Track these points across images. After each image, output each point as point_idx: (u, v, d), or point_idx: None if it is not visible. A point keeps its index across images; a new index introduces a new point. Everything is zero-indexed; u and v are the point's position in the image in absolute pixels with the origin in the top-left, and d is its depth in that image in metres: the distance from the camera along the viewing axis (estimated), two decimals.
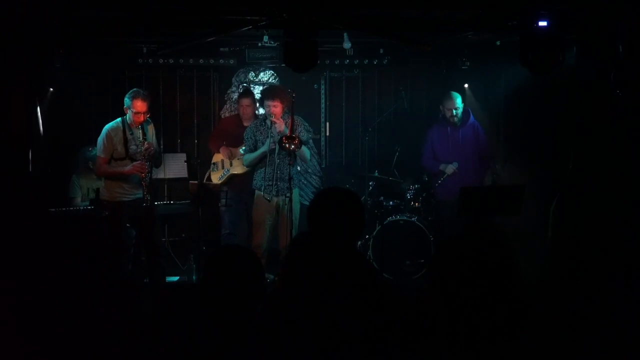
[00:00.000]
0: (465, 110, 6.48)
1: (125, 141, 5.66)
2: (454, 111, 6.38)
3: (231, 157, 6.72)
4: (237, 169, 6.65)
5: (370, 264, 6.15)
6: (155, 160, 5.93)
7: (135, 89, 5.77)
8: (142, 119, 5.63)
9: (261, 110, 7.25)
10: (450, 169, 6.44)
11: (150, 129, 5.85)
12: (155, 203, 6.16)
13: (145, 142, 5.62)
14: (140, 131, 5.63)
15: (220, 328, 2.29)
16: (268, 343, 2.27)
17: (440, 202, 6.61)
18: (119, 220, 5.71)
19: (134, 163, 5.62)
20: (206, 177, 6.83)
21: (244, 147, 6.37)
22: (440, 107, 6.55)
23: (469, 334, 1.99)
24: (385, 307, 2.42)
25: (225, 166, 6.75)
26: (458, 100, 6.41)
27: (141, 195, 5.62)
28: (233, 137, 6.73)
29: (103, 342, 2.20)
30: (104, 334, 2.20)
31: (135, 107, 5.59)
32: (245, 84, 7.82)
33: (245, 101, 6.84)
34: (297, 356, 2.28)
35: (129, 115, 5.65)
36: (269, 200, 5.96)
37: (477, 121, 6.60)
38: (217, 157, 6.85)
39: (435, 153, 6.60)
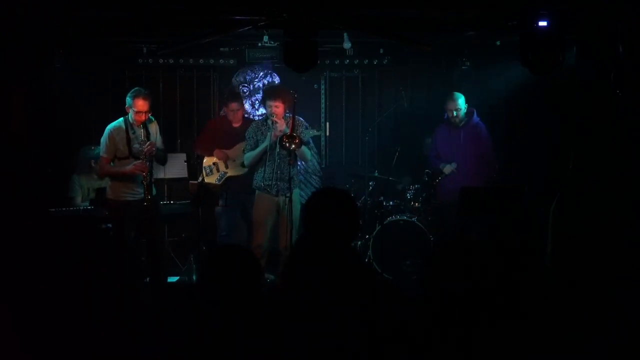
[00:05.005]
0: (469, 111, 6.46)
1: (128, 140, 5.67)
2: (455, 112, 6.38)
3: (227, 159, 6.68)
4: (233, 171, 6.62)
5: (368, 264, 6.16)
6: (160, 158, 5.93)
7: (136, 88, 5.77)
8: (143, 118, 5.63)
9: (262, 110, 7.26)
10: (448, 168, 6.45)
11: (154, 127, 5.85)
12: (161, 202, 6.16)
13: (148, 143, 5.62)
14: (143, 130, 5.63)
15: (219, 328, 2.29)
16: (267, 342, 2.27)
17: (440, 201, 6.63)
18: (122, 220, 5.71)
19: (135, 163, 5.62)
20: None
21: (245, 147, 6.34)
22: (444, 106, 6.54)
23: (467, 334, 1.99)
24: (383, 307, 2.42)
25: (220, 169, 6.70)
26: (460, 101, 6.39)
27: (143, 195, 5.62)
28: (225, 137, 6.68)
29: (103, 342, 2.20)
30: (103, 334, 2.20)
31: (137, 106, 5.59)
32: (245, 85, 7.80)
33: (234, 105, 6.73)
34: (296, 356, 2.28)
35: (130, 115, 5.66)
36: (270, 193, 5.93)
37: (482, 122, 6.57)
38: (209, 161, 6.78)
39: (438, 152, 6.61)
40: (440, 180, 6.49)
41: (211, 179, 6.68)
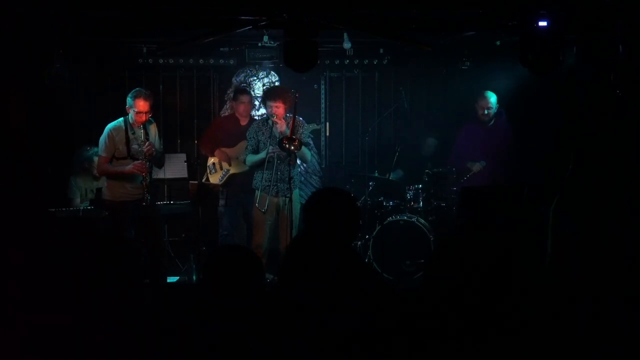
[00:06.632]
0: (498, 112, 6.53)
1: (127, 141, 5.67)
2: (487, 110, 6.45)
3: (229, 160, 6.69)
4: (236, 168, 6.63)
5: (367, 264, 6.15)
6: (157, 160, 5.93)
7: (137, 88, 5.78)
8: (144, 118, 5.64)
9: (262, 110, 7.25)
10: (477, 166, 6.53)
11: (153, 129, 5.85)
12: (157, 203, 6.15)
13: (147, 143, 5.63)
14: (142, 131, 5.64)
15: (220, 327, 2.29)
16: (267, 342, 2.27)
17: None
18: (121, 220, 5.71)
19: (134, 162, 5.63)
20: (204, 180, 6.80)
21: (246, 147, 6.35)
22: (475, 105, 6.58)
23: (466, 333, 1.99)
24: (382, 307, 2.42)
25: (224, 167, 6.73)
26: (492, 100, 6.46)
27: (142, 195, 5.63)
28: (230, 136, 6.68)
29: (103, 342, 2.20)
30: (103, 334, 2.21)
31: (138, 106, 5.60)
32: (245, 85, 7.80)
33: (244, 97, 6.75)
34: (296, 355, 2.28)
35: (131, 115, 5.66)
36: (264, 212, 5.94)
37: (509, 123, 6.64)
38: (212, 159, 6.81)
39: (463, 151, 6.65)
40: (468, 179, 6.54)
41: (215, 177, 6.70)
